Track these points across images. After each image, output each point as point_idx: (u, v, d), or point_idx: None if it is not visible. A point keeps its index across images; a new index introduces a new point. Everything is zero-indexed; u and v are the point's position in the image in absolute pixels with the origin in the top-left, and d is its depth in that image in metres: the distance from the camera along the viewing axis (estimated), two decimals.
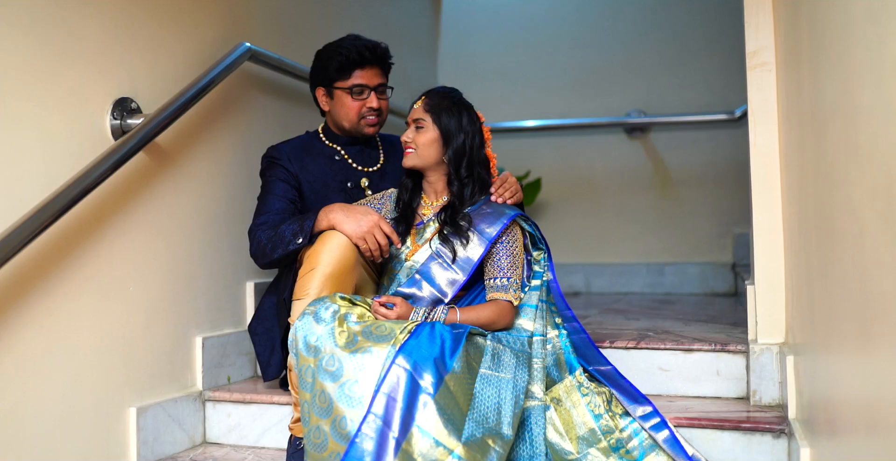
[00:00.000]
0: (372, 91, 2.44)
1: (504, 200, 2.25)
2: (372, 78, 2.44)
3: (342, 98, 2.44)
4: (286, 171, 2.42)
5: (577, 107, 4.45)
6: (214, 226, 2.55)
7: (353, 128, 2.47)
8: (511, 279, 2.15)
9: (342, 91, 2.44)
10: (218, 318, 2.56)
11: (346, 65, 2.41)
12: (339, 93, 2.44)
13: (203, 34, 2.52)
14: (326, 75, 2.45)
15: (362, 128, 2.47)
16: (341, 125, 2.48)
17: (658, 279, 4.28)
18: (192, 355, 2.43)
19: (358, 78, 2.42)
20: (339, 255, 2.10)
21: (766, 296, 2.20)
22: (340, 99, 2.45)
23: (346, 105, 2.44)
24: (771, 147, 2.20)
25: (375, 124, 2.48)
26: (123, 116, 2.16)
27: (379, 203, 2.35)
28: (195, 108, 2.36)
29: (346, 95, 2.44)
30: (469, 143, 2.22)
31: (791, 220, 2.08)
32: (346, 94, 2.43)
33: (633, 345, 2.37)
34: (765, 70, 2.22)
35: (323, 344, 1.88)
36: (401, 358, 1.83)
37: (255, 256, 2.30)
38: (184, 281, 2.41)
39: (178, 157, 2.40)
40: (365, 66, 2.42)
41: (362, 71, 2.42)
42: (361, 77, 2.43)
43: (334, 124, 2.52)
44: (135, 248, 2.22)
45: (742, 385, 2.28)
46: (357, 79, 2.42)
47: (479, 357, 1.98)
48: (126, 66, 2.21)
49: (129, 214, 2.20)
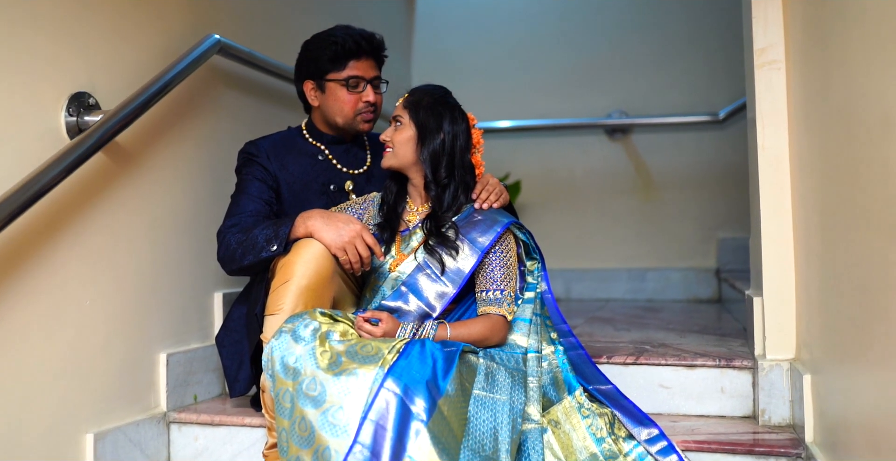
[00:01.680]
0: (368, 84, 2.28)
1: (490, 205, 2.09)
2: (367, 70, 2.28)
3: (336, 91, 2.27)
4: (264, 170, 2.24)
5: (557, 107, 4.31)
6: (180, 232, 2.36)
7: (347, 124, 2.30)
8: (505, 292, 1.99)
9: (336, 83, 2.27)
10: (183, 332, 2.37)
11: (340, 54, 2.24)
12: (333, 85, 2.27)
13: (168, 24, 2.33)
14: (318, 66, 2.28)
15: (357, 124, 2.30)
16: (333, 121, 2.31)
17: (640, 285, 4.16)
18: (155, 373, 2.24)
19: (353, 69, 2.26)
20: (316, 266, 1.93)
21: (775, 308, 2.07)
22: (334, 92, 2.28)
23: (341, 99, 2.27)
24: (780, 150, 2.07)
25: (371, 120, 2.32)
26: (80, 113, 1.97)
27: (361, 208, 2.18)
28: (159, 105, 2.17)
29: (340, 88, 2.27)
30: (450, 144, 2.05)
31: (803, 227, 1.95)
32: (340, 87, 2.27)
33: (633, 360, 2.23)
34: (773, 68, 2.08)
35: (303, 365, 1.70)
36: (390, 381, 1.66)
37: (223, 261, 2.11)
38: (146, 292, 2.22)
39: (140, 158, 2.20)
40: (361, 56, 2.26)
41: (357, 62, 2.26)
42: (357, 68, 2.26)
43: (324, 121, 2.34)
44: (92, 258, 2.02)
45: (748, 403, 2.15)
46: (352, 70, 2.26)
47: (472, 376, 1.82)
48: (83, 58, 2.01)
49: (86, 221, 2.01)
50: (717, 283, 4.03)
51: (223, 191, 2.44)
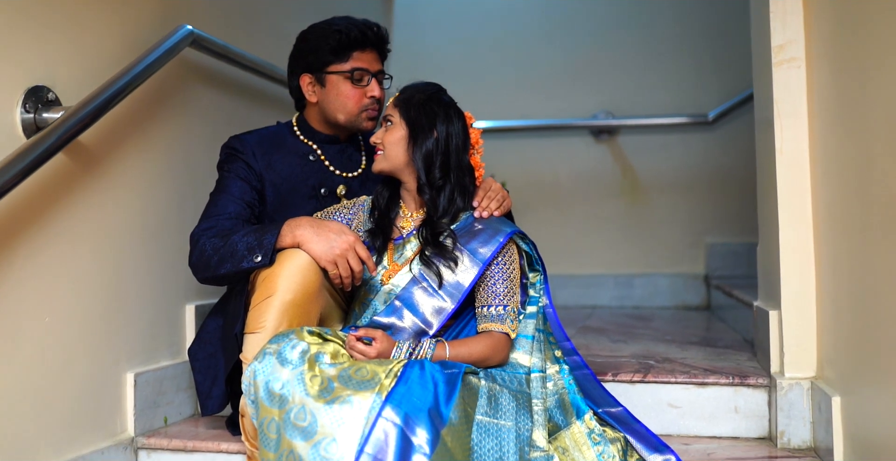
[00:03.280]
0: (372, 77, 2.10)
1: (490, 213, 1.93)
2: (372, 62, 2.11)
3: (338, 85, 2.09)
4: (248, 168, 2.05)
5: (541, 107, 4.16)
6: (148, 239, 2.16)
7: (350, 121, 2.12)
8: (508, 307, 1.83)
9: (339, 76, 2.09)
10: (153, 349, 2.18)
11: (344, 44, 2.07)
12: (335, 79, 2.09)
13: (136, 13, 2.13)
14: (318, 58, 2.10)
15: (361, 121, 2.12)
16: (333, 119, 2.13)
17: (627, 292, 4.02)
18: (121, 395, 2.04)
19: (358, 60, 2.09)
20: (302, 280, 1.75)
21: (794, 323, 1.94)
22: (336, 86, 2.10)
23: (344, 93, 2.09)
24: (800, 154, 1.94)
25: (375, 118, 2.15)
26: (38, 109, 1.78)
27: (350, 212, 2.00)
28: (126, 101, 1.97)
29: (343, 82, 2.09)
30: (444, 143, 1.89)
31: (827, 236, 1.82)
32: (343, 81, 2.09)
33: (640, 377, 2.08)
34: (793, 66, 1.95)
35: (291, 392, 1.53)
36: (388, 409, 1.50)
37: (195, 268, 1.92)
38: (112, 306, 2.02)
39: (104, 159, 2.01)
40: (366, 47, 2.10)
41: (362, 53, 2.10)
42: (361, 60, 2.09)
43: (322, 118, 2.16)
44: (51, 270, 1.82)
45: (763, 423, 2.02)
46: (357, 61, 2.09)
47: (474, 400, 1.66)
48: (41, 48, 1.81)
49: (45, 229, 1.81)
50: (706, 290, 3.92)
51: (195, 194, 2.25)
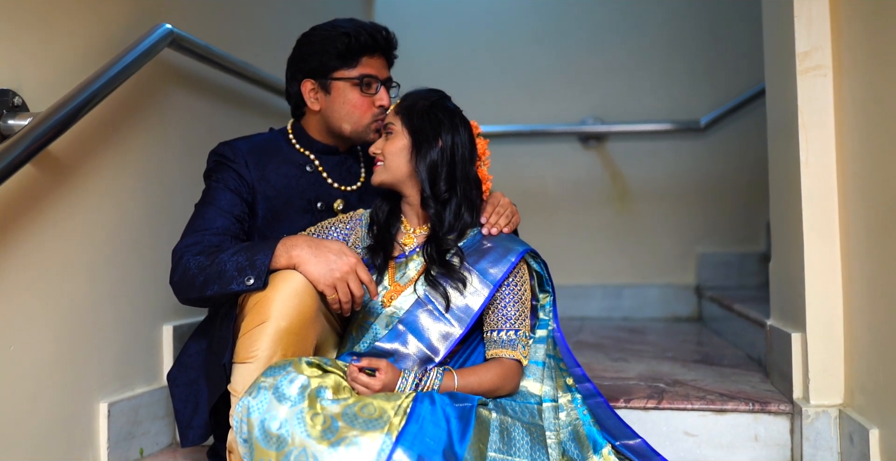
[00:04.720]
0: (381, 85, 1.94)
1: (499, 230, 1.80)
2: (381, 69, 1.96)
3: (345, 93, 1.93)
4: (239, 178, 1.88)
5: (527, 112, 4.03)
6: (123, 256, 1.99)
7: (356, 132, 1.96)
8: (520, 332, 1.69)
9: (346, 83, 1.93)
10: (127, 374, 2.01)
11: (353, 49, 1.91)
12: (342, 85, 1.93)
13: (111, 11, 1.96)
14: (322, 62, 1.93)
15: (369, 133, 1.96)
16: (338, 128, 1.96)
17: (616, 302, 3.91)
18: (94, 426, 1.87)
19: (366, 67, 1.93)
20: (298, 304, 1.60)
21: (821, 347, 1.83)
22: (343, 94, 1.94)
23: (351, 102, 1.93)
24: (827, 167, 1.83)
25: None
26: (3, 115, 1.61)
27: (347, 227, 1.85)
28: (100, 107, 1.80)
29: (351, 89, 1.93)
30: (449, 154, 1.75)
31: (858, 255, 1.71)
32: (351, 88, 1.93)
33: (654, 404, 1.96)
34: (818, 75, 1.84)
35: (290, 432, 1.38)
36: (400, 452, 1.36)
37: (176, 287, 1.75)
38: (83, 329, 1.85)
39: (76, 170, 1.84)
40: (375, 52, 1.94)
41: (371, 58, 1.94)
42: (370, 66, 1.94)
43: (323, 127, 1.99)
44: (16, 292, 1.65)
45: (786, 453, 1.90)
46: (365, 67, 1.93)
47: (486, 435, 1.52)
48: (6, 48, 1.64)
49: (10, 246, 1.64)
50: (696, 301, 3.82)
51: (174, 207, 2.09)
